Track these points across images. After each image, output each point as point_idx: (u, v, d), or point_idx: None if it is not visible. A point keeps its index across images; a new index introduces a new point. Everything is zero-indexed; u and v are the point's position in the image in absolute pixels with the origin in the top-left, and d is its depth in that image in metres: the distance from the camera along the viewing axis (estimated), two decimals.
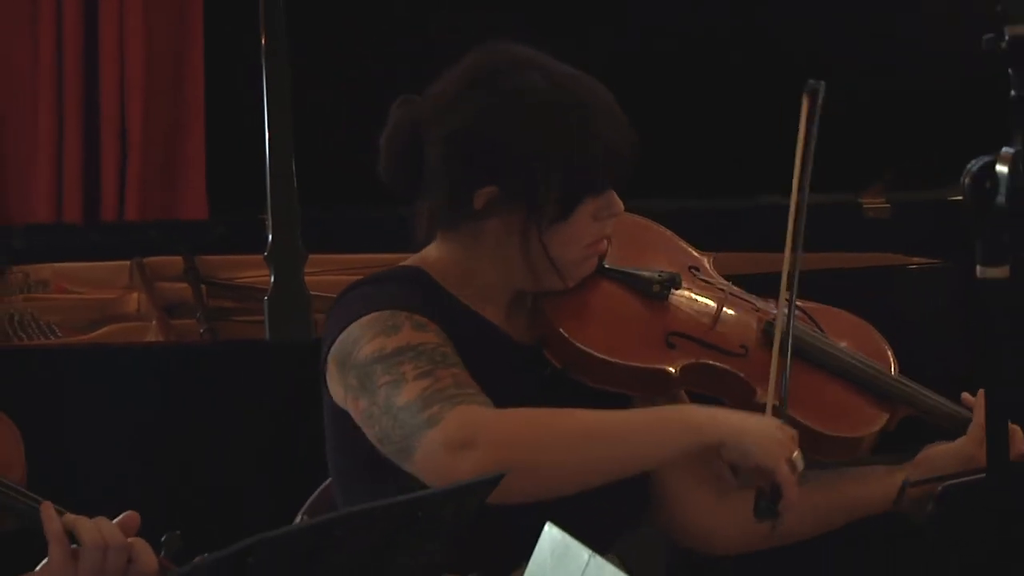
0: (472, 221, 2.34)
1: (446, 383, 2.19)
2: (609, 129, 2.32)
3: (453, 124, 2.31)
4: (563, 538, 1.72)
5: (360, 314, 2.28)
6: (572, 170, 2.29)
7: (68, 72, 3.57)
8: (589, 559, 1.67)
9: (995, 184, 1.80)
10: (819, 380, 2.53)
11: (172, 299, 3.22)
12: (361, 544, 1.74)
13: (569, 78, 2.34)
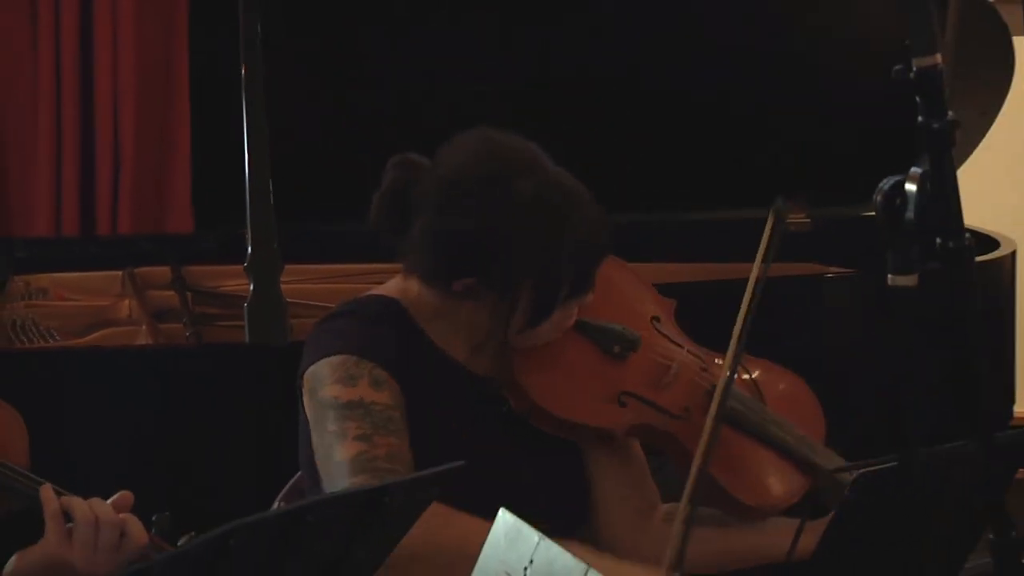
0: (448, 296, 2.33)
1: (378, 453, 2.19)
2: (586, 241, 2.30)
3: (442, 218, 2.29)
4: (515, 522, 1.72)
5: (332, 351, 2.28)
6: (544, 284, 2.28)
7: (65, 99, 3.56)
8: (539, 541, 1.66)
9: (904, 201, 1.81)
10: (748, 447, 2.51)
11: (161, 306, 3.21)
12: (332, 527, 1.73)
13: (568, 191, 2.31)
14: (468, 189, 2.29)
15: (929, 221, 1.79)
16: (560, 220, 2.28)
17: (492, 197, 2.28)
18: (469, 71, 3.18)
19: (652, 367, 2.47)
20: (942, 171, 1.79)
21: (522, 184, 2.28)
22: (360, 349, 2.28)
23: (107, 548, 2.01)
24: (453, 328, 2.38)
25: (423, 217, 2.30)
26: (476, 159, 2.32)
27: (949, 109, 1.80)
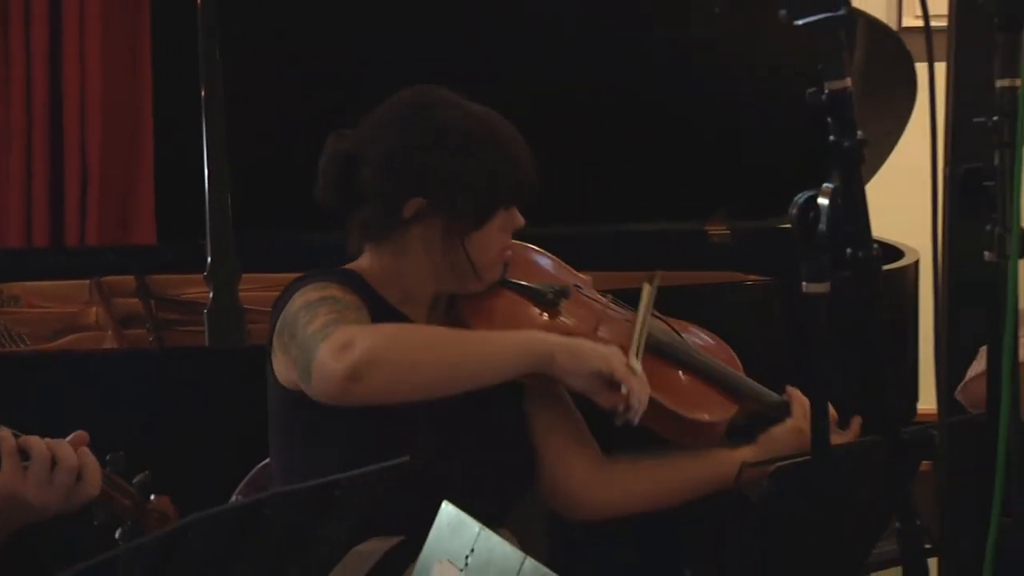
0: (401, 229, 2.38)
1: (349, 316, 2.23)
2: (516, 155, 2.37)
3: (385, 148, 2.36)
4: (457, 513, 1.71)
5: (299, 288, 2.33)
6: (487, 186, 2.35)
7: (36, 122, 3.56)
8: (479, 531, 1.66)
9: (817, 214, 1.81)
10: (678, 373, 2.56)
11: (126, 312, 3.20)
12: (288, 520, 1.72)
13: (481, 113, 2.39)
14: (400, 120, 2.38)
15: (840, 233, 1.79)
16: (487, 132, 2.37)
17: (422, 120, 2.37)
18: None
19: (582, 314, 2.54)
20: (852, 186, 1.80)
21: (447, 111, 2.38)
22: (328, 278, 2.35)
23: (62, 485, 1.99)
24: (406, 293, 2.43)
25: (365, 160, 2.37)
26: (400, 100, 2.41)
27: (858, 129, 1.81)
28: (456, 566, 1.66)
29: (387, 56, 3.17)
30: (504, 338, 2.34)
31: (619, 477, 2.55)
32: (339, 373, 2.13)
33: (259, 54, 3.12)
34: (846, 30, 1.81)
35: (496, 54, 3.26)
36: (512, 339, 2.33)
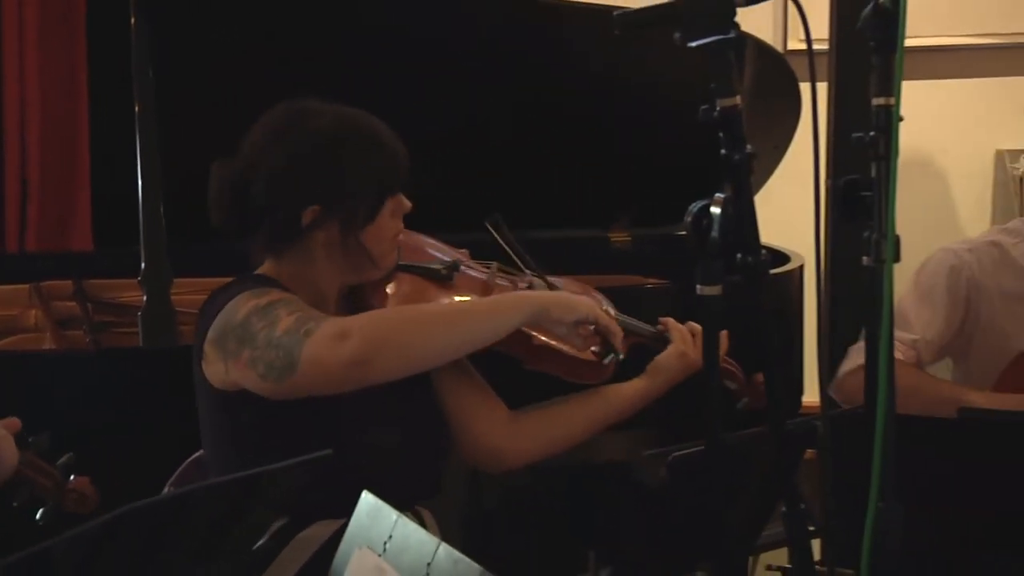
0: (301, 238, 2.36)
1: (315, 314, 2.22)
2: (390, 146, 2.37)
3: (273, 164, 2.33)
4: (376, 502, 1.71)
5: (232, 296, 2.29)
6: (372, 182, 2.34)
7: None
8: (397, 519, 1.65)
9: (710, 222, 1.82)
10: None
11: (64, 315, 3.16)
12: (217, 509, 1.70)
13: (351, 114, 2.38)
14: (280, 135, 2.36)
15: (731, 239, 1.80)
16: (361, 131, 2.36)
17: (300, 132, 2.35)
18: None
19: (475, 281, 2.59)
20: (742, 196, 1.81)
21: (324, 120, 2.36)
22: (257, 284, 2.33)
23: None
24: (315, 295, 2.40)
25: (255, 180, 2.34)
26: (275, 116, 2.39)
27: (747, 143, 1.82)
28: (375, 551, 1.65)
29: (318, 75, 3.14)
30: (500, 303, 2.37)
31: (531, 425, 2.57)
32: (343, 359, 2.13)
33: (190, 71, 3.08)
34: (735, 52, 1.82)
35: (423, 77, 3.24)
36: (506, 302, 2.37)
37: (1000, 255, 2.95)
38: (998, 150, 4.37)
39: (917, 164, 4.43)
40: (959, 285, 2.94)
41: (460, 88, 3.33)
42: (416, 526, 1.63)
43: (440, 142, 3.34)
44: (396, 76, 3.23)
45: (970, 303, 2.93)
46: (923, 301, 2.94)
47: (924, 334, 2.91)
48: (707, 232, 1.81)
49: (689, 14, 1.83)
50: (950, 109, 4.37)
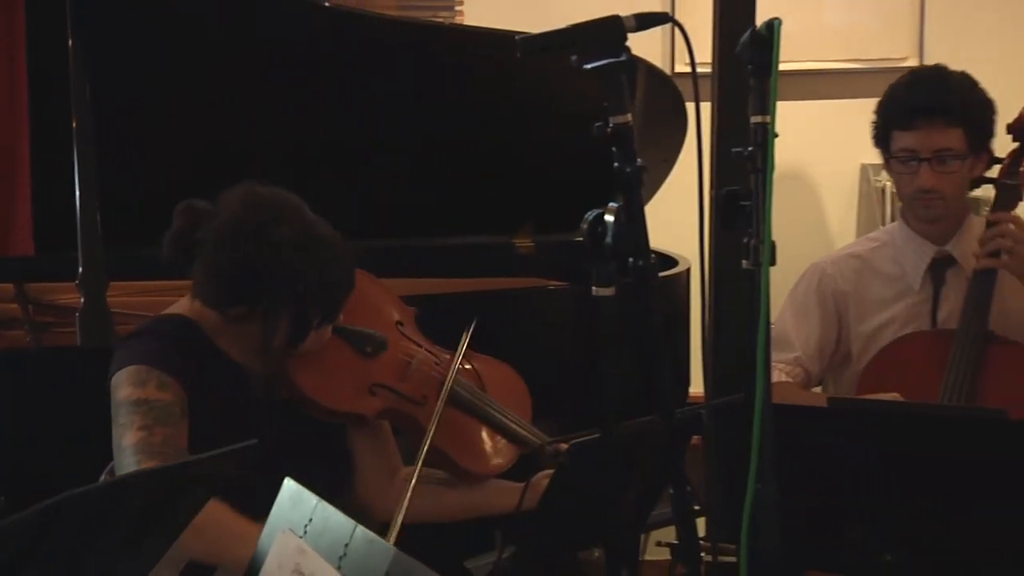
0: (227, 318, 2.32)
1: (155, 440, 2.16)
2: (336, 278, 2.30)
3: (216, 258, 2.27)
4: (298, 488, 1.69)
5: (128, 363, 2.25)
6: (300, 313, 2.28)
7: None
8: (316, 503, 1.64)
9: (604, 229, 1.82)
10: (470, 426, 2.54)
11: (6, 316, 3.10)
12: (151, 495, 1.67)
13: (319, 236, 2.29)
14: (237, 234, 2.26)
15: (623, 245, 1.81)
16: (312, 261, 2.27)
17: (258, 241, 2.25)
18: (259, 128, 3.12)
19: (397, 363, 2.49)
20: (633, 205, 1.81)
21: (283, 230, 2.26)
22: (150, 360, 2.24)
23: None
24: (234, 340, 2.36)
25: (204, 256, 2.28)
26: (245, 208, 2.29)
27: (638, 157, 1.82)
28: (296, 534, 1.63)
29: (237, 92, 3.11)
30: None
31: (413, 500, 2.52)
32: None
33: (125, 87, 3.03)
34: (627, 74, 1.83)
35: (338, 96, 3.22)
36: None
37: (861, 265, 2.99)
38: (863, 164, 4.43)
39: (791, 177, 4.48)
40: (827, 295, 2.97)
41: (378, 109, 3.31)
42: (335, 510, 1.61)
43: (363, 159, 3.34)
44: (316, 97, 3.20)
45: (840, 314, 2.96)
46: (799, 317, 2.96)
47: (805, 349, 2.93)
48: (602, 238, 1.81)
49: (584, 39, 1.83)
50: (820, 127, 4.42)
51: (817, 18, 4.47)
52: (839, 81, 4.42)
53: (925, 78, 2.85)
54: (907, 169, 2.85)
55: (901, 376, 2.73)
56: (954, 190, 2.86)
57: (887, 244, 2.99)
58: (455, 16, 4.43)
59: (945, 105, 2.78)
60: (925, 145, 2.80)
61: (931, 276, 2.92)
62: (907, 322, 2.92)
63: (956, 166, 2.82)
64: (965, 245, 2.91)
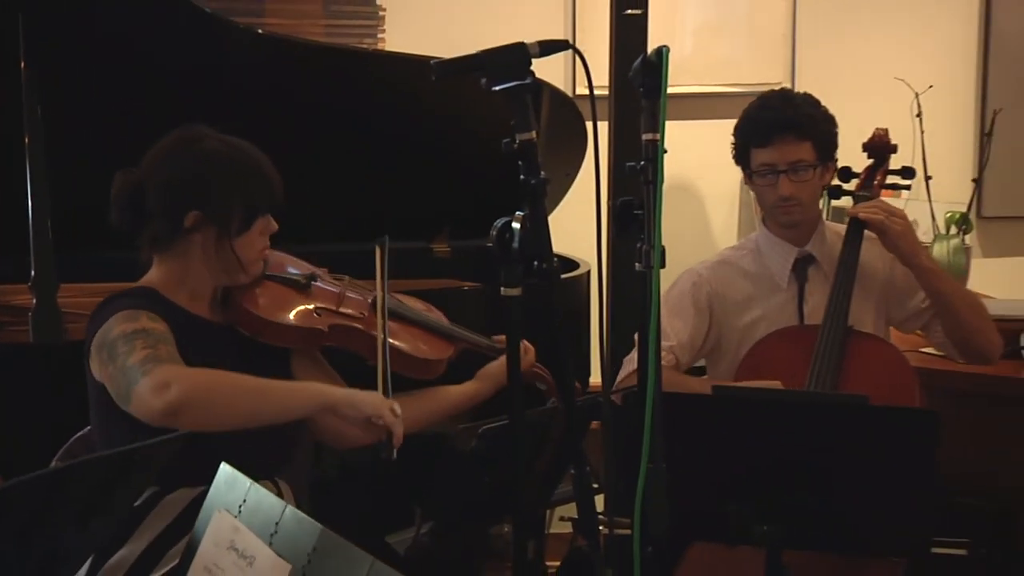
0: (183, 238, 2.34)
1: (162, 352, 2.17)
2: (268, 174, 2.36)
3: (167, 174, 2.33)
4: (232, 472, 1.66)
5: (114, 312, 2.25)
6: (248, 199, 2.34)
7: None
8: (250, 486, 1.61)
9: (512, 235, 1.82)
10: (409, 329, 2.61)
11: None
12: (98, 480, 1.64)
13: (238, 142, 2.37)
14: (173, 151, 2.36)
15: (529, 249, 1.80)
16: (245, 157, 2.36)
17: (193, 151, 2.34)
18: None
19: (329, 293, 2.56)
20: (537, 214, 1.81)
21: (211, 142, 2.36)
22: (136, 305, 2.27)
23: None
24: (192, 291, 2.38)
25: (150, 188, 2.34)
26: (172, 137, 2.38)
27: (542, 171, 1.82)
28: (232, 513, 1.60)
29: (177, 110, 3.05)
30: (298, 390, 2.29)
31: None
32: (158, 408, 2.08)
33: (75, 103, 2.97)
34: (532, 95, 1.82)
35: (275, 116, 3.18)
36: (304, 391, 2.28)
37: (730, 269, 3.03)
38: (742, 177, 4.47)
39: (679, 188, 4.50)
40: (701, 297, 3.00)
41: (311, 128, 3.28)
42: (267, 492, 1.59)
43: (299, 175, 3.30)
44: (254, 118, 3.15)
45: (712, 311, 2.99)
46: (673, 314, 2.98)
47: (678, 340, 2.96)
48: (509, 243, 1.81)
49: (493, 64, 1.83)
50: (704, 144, 4.44)
51: (701, 47, 4.50)
52: (721, 103, 4.45)
53: (774, 100, 2.91)
54: (767, 182, 2.90)
55: (773, 367, 2.76)
56: (809, 197, 2.92)
57: (753, 250, 3.04)
58: (377, 43, 4.40)
59: (795, 122, 2.84)
60: (781, 158, 2.85)
61: (795, 275, 2.97)
62: (777, 316, 2.95)
63: (809, 175, 2.88)
64: (821, 245, 2.97)
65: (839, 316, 2.81)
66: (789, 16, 4.49)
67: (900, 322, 3.03)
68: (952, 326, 2.90)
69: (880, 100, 3.91)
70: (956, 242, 3.75)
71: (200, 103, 3.04)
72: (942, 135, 4.27)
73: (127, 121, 2.97)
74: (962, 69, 4.57)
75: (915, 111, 3.95)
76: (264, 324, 2.41)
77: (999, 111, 4.22)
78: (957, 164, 4.52)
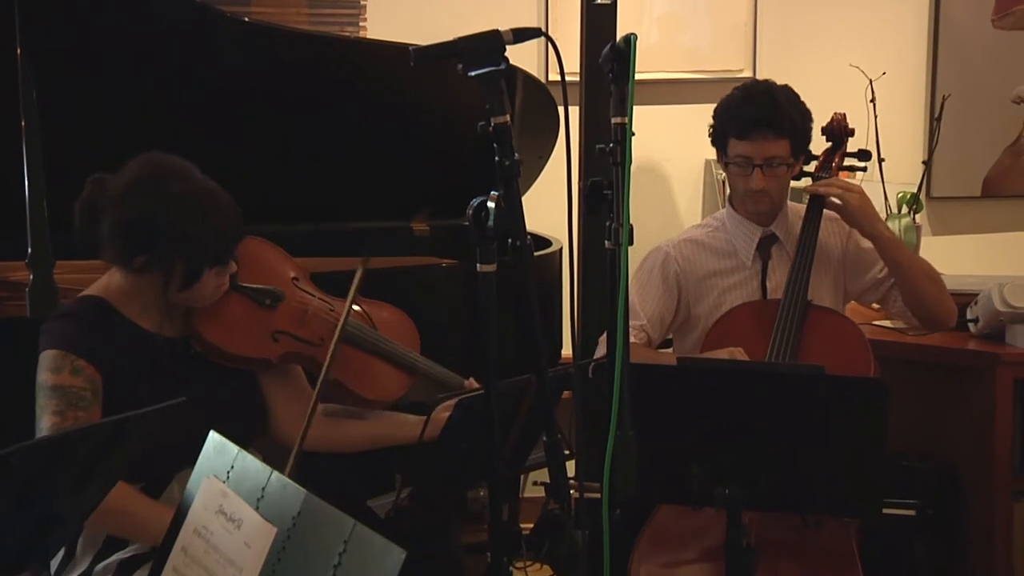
0: (132, 273, 2.28)
1: (68, 423, 2.13)
2: (223, 225, 2.25)
3: (122, 211, 2.24)
4: (221, 439, 1.65)
5: (50, 346, 2.21)
6: (198, 253, 2.24)
7: None
8: (238, 453, 1.60)
9: (487, 214, 1.81)
10: (367, 360, 2.52)
11: None
12: (93, 446, 1.63)
13: (205, 188, 2.25)
14: (136, 189, 2.24)
15: (503, 228, 1.79)
16: (201, 210, 2.24)
17: (154, 195, 2.23)
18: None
19: (294, 311, 2.46)
20: (511, 194, 1.80)
21: (176, 186, 2.23)
22: (67, 345, 2.21)
23: None
24: (144, 305, 2.31)
25: (108, 214, 2.25)
26: (142, 168, 2.27)
27: (516, 152, 1.81)
28: (220, 479, 1.59)
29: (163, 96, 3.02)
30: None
31: (324, 427, 2.51)
32: None
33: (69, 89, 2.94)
34: (506, 80, 1.81)
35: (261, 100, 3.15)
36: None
37: (696, 247, 3.03)
38: (707, 160, 4.47)
39: (646, 169, 4.50)
40: (669, 274, 3.00)
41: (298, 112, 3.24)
42: (253, 458, 1.58)
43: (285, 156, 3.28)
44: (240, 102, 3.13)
45: (680, 285, 2.99)
46: (643, 290, 2.98)
47: (648, 318, 2.96)
48: (485, 222, 1.79)
49: (468, 50, 1.81)
50: (670, 128, 4.44)
51: (667, 35, 4.49)
52: (686, 89, 4.45)
53: (759, 96, 2.87)
54: (741, 172, 2.89)
55: (736, 339, 2.77)
56: (780, 189, 2.92)
57: (719, 229, 3.03)
58: (359, 31, 4.37)
59: (776, 120, 2.83)
60: (757, 153, 2.84)
61: (759, 253, 2.97)
62: (742, 292, 2.96)
63: (783, 170, 2.87)
64: (785, 225, 2.98)
65: (798, 291, 2.82)
66: (750, 6, 4.48)
67: (859, 294, 3.04)
68: (910, 294, 2.91)
69: (836, 86, 3.91)
70: (907, 221, 3.77)
71: (187, 89, 3.02)
72: (894, 119, 4.28)
73: (119, 104, 2.95)
74: (913, 57, 4.58)
75: (869, 97, 3.95)
76: (213, 348, 2.34)
77: (948, 97, 4.23)
78: (908, 147, 4.53)
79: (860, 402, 2.21)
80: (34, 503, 1.57)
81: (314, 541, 1.39)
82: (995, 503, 3.10)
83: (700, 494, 2.23)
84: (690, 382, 2.32)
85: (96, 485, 1.69)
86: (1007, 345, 3.18)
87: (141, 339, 2.30)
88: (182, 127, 2.93)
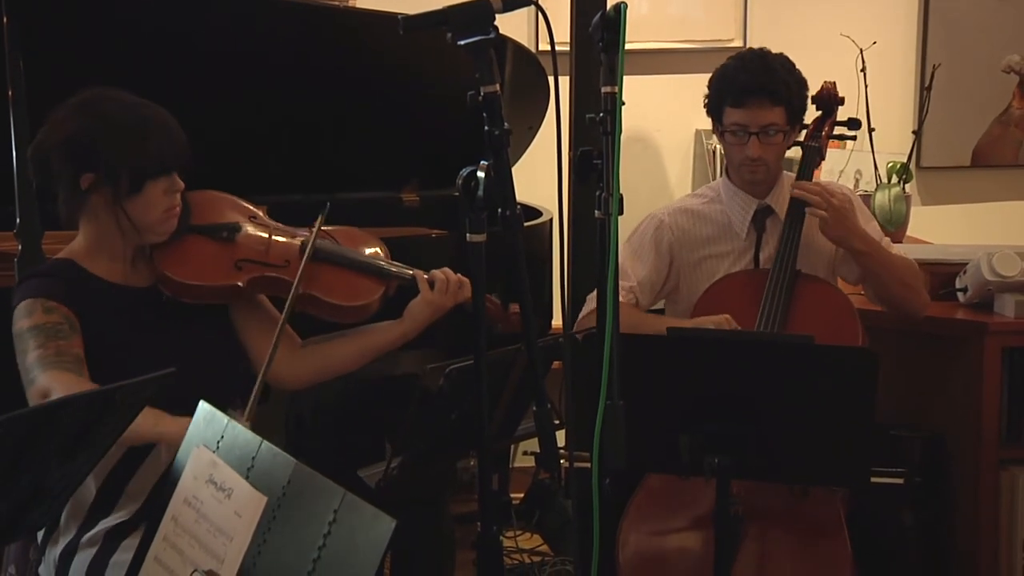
0: (86, 202, 2.28)
1: (50, 352, 2.15)
2: (167, 135, 2.27)
3: (62, 136, 2.26)
4: (211, 409, 1.65)
5: (20, 300, 2.25)
6: (138, 160, 2.24)
7: None
8: (227, 423, 1.60)
9: (477, 184, 1.80)
10: (337, 272, 2.51)
11: None
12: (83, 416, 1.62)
13: (140, 104, 2.28)
14: (72, 113, 2.27)
15: (493, 198, 1.79)
16: (140, 120, 2.26)
17: (88, 113, 2.26)
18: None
19: (255, 240, 2.48)
20: (501, 164, 1.80)
21: (111, 105, 2.27)
22: (35, 293, 2.24)
23: None
24: (110, 256, 2.33)
25: (53, 154, 2.28)
26: (76, 98, 2.29)
27: (506, 122, 1.80)
28: (210, 449, 1.59)
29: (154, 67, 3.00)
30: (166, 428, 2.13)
31: (309, 357, 2.52)
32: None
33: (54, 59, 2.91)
34: (495, 49, 1.80)
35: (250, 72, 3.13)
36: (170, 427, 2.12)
37: (691, 216, 3.02)
38: (697, 130, 4.45)
39: (636, 139, 4.49)
40: (662, 240, 2.99)
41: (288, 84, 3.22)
42: (243, 428, 1.58)
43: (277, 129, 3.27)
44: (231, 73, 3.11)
45: (672, 254, 2.99)
46: (635, 255, 2.98)
47: (638, 280, 2.96)
48: (475, 192, 1.79)
49: (457, 19, 1.80)
50: (660, 98, 4.43)
51: (658, 4, 4.47)
52: (676, 59, 4.43)
53: (753, 63, 2.86)
54: (737, 140, 2.88)
55: (726, 308, 2.77)
56: (775, 158, 2.91)
57: (715, 199, 3.03)
58: (350, 1, 4.34)
59: (771, 87, 2.81)
60: (753, 121, 2.83)
61: (754, 224, 2.97)
62: (735, 262, 2.96)
63: (779, 138, 2.86)
64: (780, 197, 2.97)
65: (788, 260, 2.82)
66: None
67: (853, 282, 3.06)
68: (882, 295, 2.95)
69: (827, 56, 3.89)
70: (897, 191, 3.76)
71: (175, 58, 3.00)
72: (884, 89, 4.27)
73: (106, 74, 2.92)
74: (904, 26, 4.56)
75: (859, 66, 3.94)
76: (179, 286, 2.35)
77: (938, 66, 4.22)
78: (898, 117, 4.53)
79: (849, 371, 2.21)
80: (24, 472, 1.56)
81: (304, 510, 1.40)
82: (982, 472, 3.11)
83: (689, 463, 2.23)
84: (679, 352, 2.32)
85: (84, 456, 1.69)
86: (995, 314, 3.18)
87: (111, 292, 2.32)
88: (170, 97, 2.91)
